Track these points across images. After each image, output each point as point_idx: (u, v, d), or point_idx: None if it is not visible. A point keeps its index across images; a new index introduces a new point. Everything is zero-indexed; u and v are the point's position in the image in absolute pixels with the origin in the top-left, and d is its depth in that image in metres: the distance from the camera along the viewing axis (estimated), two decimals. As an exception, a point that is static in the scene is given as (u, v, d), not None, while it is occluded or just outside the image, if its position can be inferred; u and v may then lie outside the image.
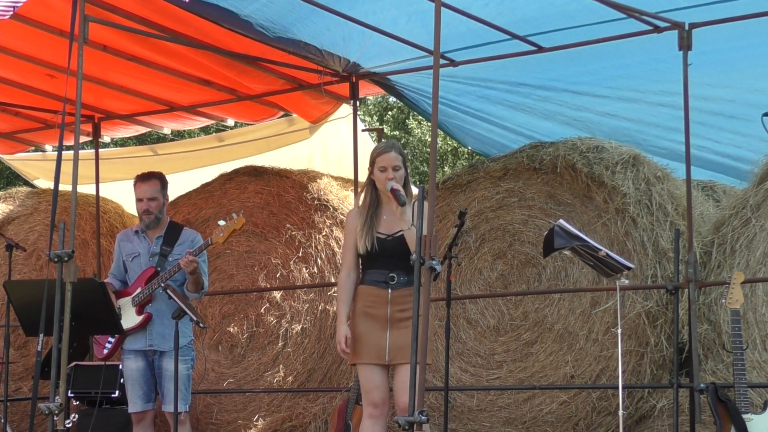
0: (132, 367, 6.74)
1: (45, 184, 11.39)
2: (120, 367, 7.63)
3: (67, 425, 5.80)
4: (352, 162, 8.77)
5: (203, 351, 9.30)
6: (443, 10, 5.66)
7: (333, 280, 9.02)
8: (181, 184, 9.66)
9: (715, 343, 7.39)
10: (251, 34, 7.68)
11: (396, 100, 17.77)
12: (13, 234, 10.31)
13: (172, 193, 7.33)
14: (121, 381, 7.64)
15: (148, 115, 9.93)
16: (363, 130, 9.72)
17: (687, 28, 6.96)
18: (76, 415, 8.17)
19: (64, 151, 6.35)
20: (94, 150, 9.96)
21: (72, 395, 8.12)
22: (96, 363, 8.04)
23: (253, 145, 10.33)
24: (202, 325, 6.45)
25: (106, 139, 11.37)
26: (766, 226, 7.44)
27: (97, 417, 7.84)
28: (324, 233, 9.17)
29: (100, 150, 10.23)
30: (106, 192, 10.21)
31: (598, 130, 8.50)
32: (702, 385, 6.32)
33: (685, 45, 6.96)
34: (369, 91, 9.33)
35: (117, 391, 7.95)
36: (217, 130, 15.29)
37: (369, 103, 23.68)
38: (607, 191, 7.94)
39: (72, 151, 6.32)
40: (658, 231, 7.71)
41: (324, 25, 7.59)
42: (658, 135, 8.46)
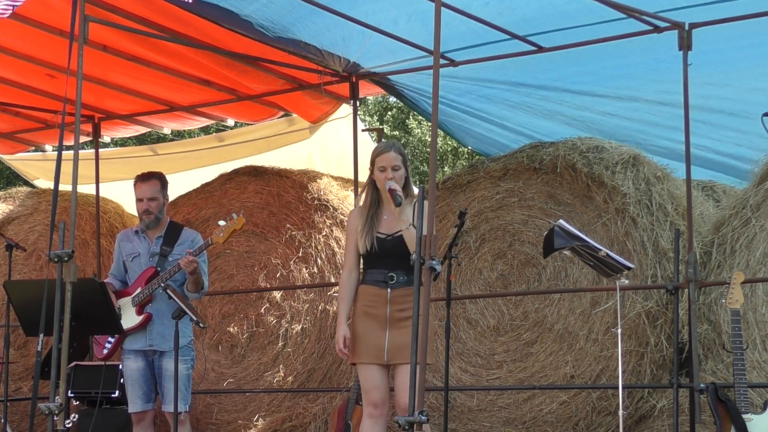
0: (132, 367, 6.74)
1: (45, 184, 11.39)
2: (120, 367, 7.63)
3: (67, 425, 5.80)
4: (352, 162, 8.77)
5: (203, 351, 9.30)
6: (443, 10, 5.66)
7: (333, 280, 9.02)
8: (181, 184, 9.66)
9: (715, 343, 7.39)
10: (251, 34, 7.68)
11: (396, 100, 17.77)
12: (13, 234, 10.30)
13: (172, 193, 7.32)
14: (121, 381, 7.64)
15: (148, 115, 9.93)
16: (363, 130, 9.71)
17: (687, 28, 6.96)
18: (76, 415, 8.17)
19: (64, 151, 6.35)
20: (94, 150, 9.96)
21: (72, 395, 8.11)
22: (96, 363, 8.04)
23: (253, 145, 10.33)
24: (202, 325, 6.44)
25: (106, 139, 11.37)
26: (766, 226, 7.44)
27: (97, 417, 7.84)
28: (324, 233, 9.17)
29: (100, 150, 10.22)
30: (106, 192, 10.21)
31: (598, 130, 8.50)
32: (702, 385, 6.31)
33: (685, 45, 6.96)
34: (369, 91, 9.32)
35: (117, 391, 7.94)
36: (217, 130, 15.28)
37: (369, 103, 23.67)
38: (607, 191, 7.93)
39: (72, 151, 6.32)
40: (658, 231, 7.71)
41: (324, 25, 7.59)
42: (658, 134, 8.46)
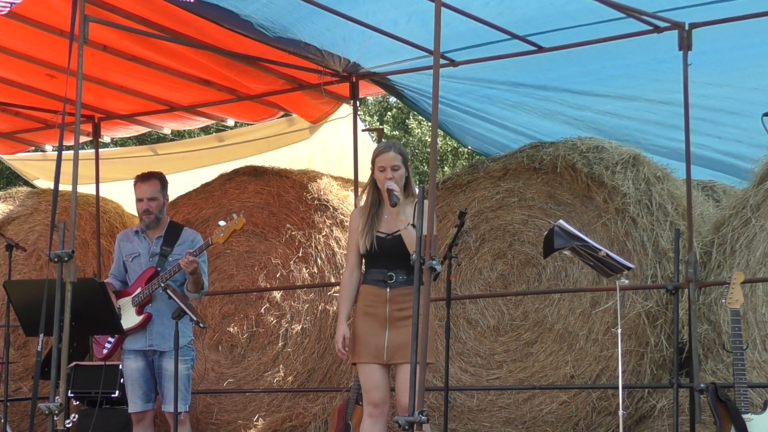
0: (132, 367, 6.73)
1: (45, 184, 11.39)
2: (120, 367, 7.63)
3: (67, 425, 5.80)
4: (352, 162, 8.77)
5: (203, 351, 9.30)
6: (443, 10, 5.66)
7: (333, 280, 9.03)
8: (181, 184, 9.66)
9: (715, 343, 7.38)
10: (251, 34, 7.68)
11: (396, 100, 17.77)
12: (13, 234, 10.30)
13: (172, 193, 7.32)
14: (121, 381, 7.64)
15: (148, 115, 9.92)
16: (363, 130, 9.71)
17: (687, 28, 6.96)
18: (76, 415, 8.17)
19: (64, 151, 6.35)
20: (94, 150, 9.97)
21: (72, 395, 8.11)
22: (96, 363, 8.04)
23: (253, 145, 10.33)
24: (202, 325, 6.44)
25: (106, 139, 11.37)
26: (766, 226, 7.44)
27: (97, 417, 7.84)
28: (324, 233, 9.17)
29: (100, 150, 10.22)
30: (106, 192, 10.21)
31: (598, 130, 8.50)
32: (702, 385, 6.31)
33: (685, 45, 6.96)
34: (369, 91, 9.32)
35: (117, 391, 7.94)
36: (217, 130, 15.29)
37: (369, 103, 23.67)
38: (607, 191, 7.93)
39: (72, 151, 6.32)
40: (658, 231, 7.71)
41: (324, 25, 7.59)
42: (658, 134, 8.46)
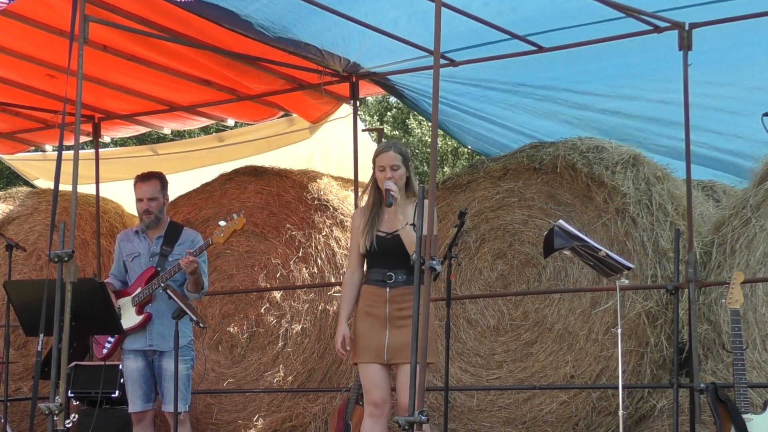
0: (132, 367, 6.73)
1: (45, 184, 11.39)
2: (120, 367, 7.63)
3: (67, 425, 5.80)
4: (352, 162, 8.77)
5: (203, 351, 9.30)
6: (443, 9, 5.66)
7: (333, 280, 9.03)
8: (181, 184, 9.66)
9: (715, 343, 7.38)
10: (251, 34, 7.68)
11: (396, 100, 17.77)
12: (13, 234, 10.30)
13: (172, 193, 7.32)
14: (121, 381, 7.64)
15: (148, 115, 9.92)
16: (363, 130, 9.71)
17: (687, 28, 6.96)
18: (76, 415, 8.16)
19: (64, 151, 6.35)
20: (94, 150, 9.96)
21: (72, 395, 8.11)
22: (96, 363, 8.04)
23: (253, 145, 10.32)
24: (202, 325, 6.44)
25: (106, 139, 11.37)
26: (766, 226, 7.44)
27: (97, 417, 7.84)
28: (324, 233, 9.17)
29: (100, 150, 10.22)
30: (106, 192, 10.21)
31: (598, 129, 8.50)
32: (702, 385, 6.31)
33: (685, 45, 6.95)
34: (369, 91, 9.32)
35: (117, 391, 7.94)
36: (217, 130, 15.28)
37: (369, 103, 23.66)
38: (607, 191, 7.93)
39: (72, 151, 6.32)
40: (658, 231, 7.71)
41: (324, 25, 7.59)
42: (658, 132, 8.45)
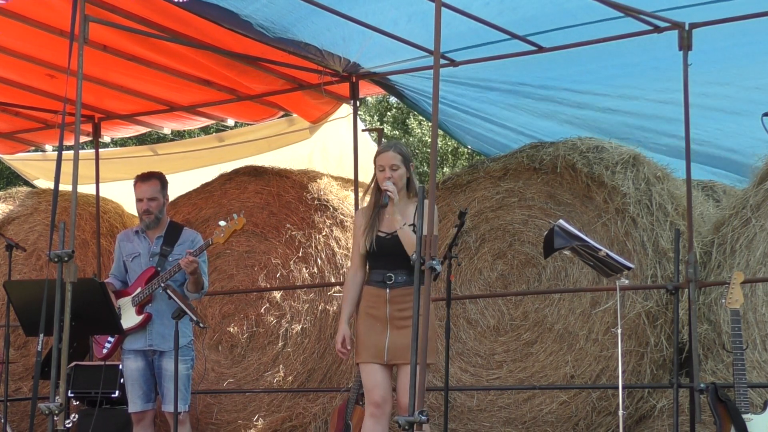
0: (132, 367, 6.74)
1: (45, 184, 11.39)
2: (120, 367, 7.63)
3: (67, 425, 5.80)
4: (352, 162, 8.77)
5: (203, 351, 9.30)
6: (443, 10, 5.66)
7: (333, 280, 9.03)
8: (181, 184, 9.66)
9: (715, 343, 7.38)
10: (251, 34, 7.67)
11: (396, 100, 17.77)
12: (13, 234, 10.30)
13: (172, 193, 7.32)
14: (121, 381, 7.64)
15: (148, 115, 9.92)
16: (363, 130, 9.71)
17: (687, 28, 6.96)
18: (76, 415, 8.16)
19: (64, 151, 6.35)
20: (94, 150, 9.96)
21: (72, 395, 8.11)
22: (96, 363, 8.04)
23: (253, 145, 10.32)
24: (202, 325, 6.44)
25: (106, 139, 11.37)
26: (766, 226, 7.44)
27: (97, 417, 7.84)
28: (324, 233, 9.17)
29: (100, 150, 10.22)
30: (106, 192, 10.21)
31: (598, 128, 8.49)
32: (702, 385, 6.31)
33: (685, 45, 6.95)
34: (369, 91, 9.32)
35: (117, 391, 7.94)
36: (217, 130, 15.28)
37: (369, 103, 23.66)
38: (607, 191, 7.93)
39: (72, 151, 6.32)
40: (658, 231, 7.71)
41: (324, 25, 7.59)
42: (659, 131, 8.45)
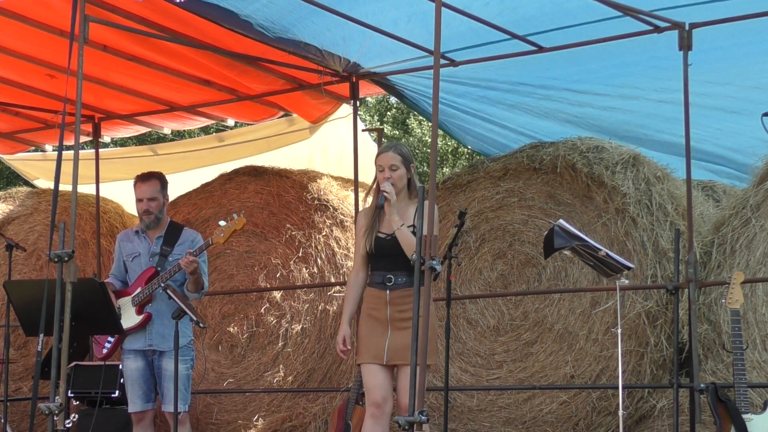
0: (132, 366, 6.73)
1: (45, 184, 11.39)
2: (120, 367, 7.63)
3: (67, 425, 5.79)
4: (352, 162, 8.77)
5: (203, 351, 9.30)
6: (443, 10, 5.66)
7: (333, 280, 9.03)
8: (181, 184, 9.66)
9: (715, 343, 7.39)
10: (251, 34, 7.67)
11: (396, 100, 17.77)
12: (13, 234, 10.30)
13: (172, 193, 7.32)
14: (121, 381, 7.64)
15: (148, 115, 9.92)
16: (363, 130, 9.71)
17: (687, 28, 6.96)
18: (76, 415, 8.16)
19: (64, 151, 6.35)
20: (94, 150, 9.96)
21: (72, 395, 8.11)
22: (96, 363, 8.04)
23: (253, 145, 10.32)
24: (202, 325, 6.44)
25: (106, 139, 11.37)
26: (766, 226, 7.44)
27: (97, 417, 7.84)
28: (324, 233, 9.17)
29: (100, 150, 10.22)
30: (106, 192, 10.21)
31: (598, 126, 8.49)
32: (702, 385, 6.31)
33: (685, 45, 6.95)
34: (369, 91, 9.32)
35: (117, 391, 7.94)
36: (217, 130, 15.28)
37: (369, 103, 23.65)
38: (607, 191, 7.93)
39: (72, 151, 6.32)
40: (658, 231, 7.71)
41: (324, 25, 7.59)
42: (659, 129, 8.44)
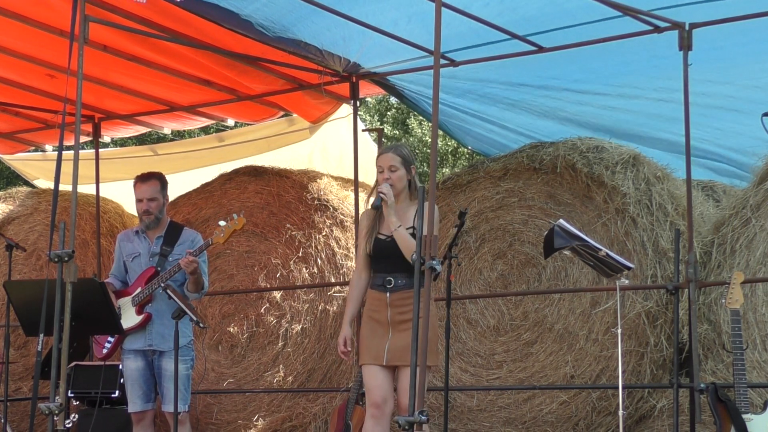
0: (132, 366, 6.73)
1: (45, 184, 11.39)
2: (120, 367, 7.63)
3: (67, 425, 5.80)
4: (352, 162, 8.77)
5: (203, 351, 9.30)
6: (443, 10, 5.66)
7: (333, 280, 9.03)
8: (181, 184, 9.66)
9: (715, 343, 7.39)
10: (251, 34, 7.67)
11: (396, 100, 17.76)
12: (13, 234, 10.30)
13: (172, 193, 7.32)
14: (121, 381, 7.64)
15: (148, 115, 9.92)
16: (363, 130, 9.71)
17: (687, 28, 6.96)
18: (76, 415, 8.16)
19: (64, 151, 6.35)
20: (94, 150, 9.97)
21: (72, 395, 8.11)
22: (96, 363, 8.04)
23: (253, 145, 10.32)
24: (202, 325, 6.44)
25: (106, 139, 11.37)
26: (766, 226, 7.44)
27: (97, 417, 7.84)
28: (324, 233, 9.17)
29: (100, 150, 10.22)
30: (106, 192, 10.21)
31: (598, 125, 8.48)
32: (702, 385, 6.31)
33: (685, 45, 6.95)
34: (369, 91, 9.31)
35: (117, 391, 7.94)
36: (217, 130, 15.27)
37: (369, 103, 23.65)
38: (607, 191, 7.93)
39: (72, 151, 6.32)
40: (658, 231, 7.71)
41: (324, 25, 7.59)
42: (659, 128, 8.44)
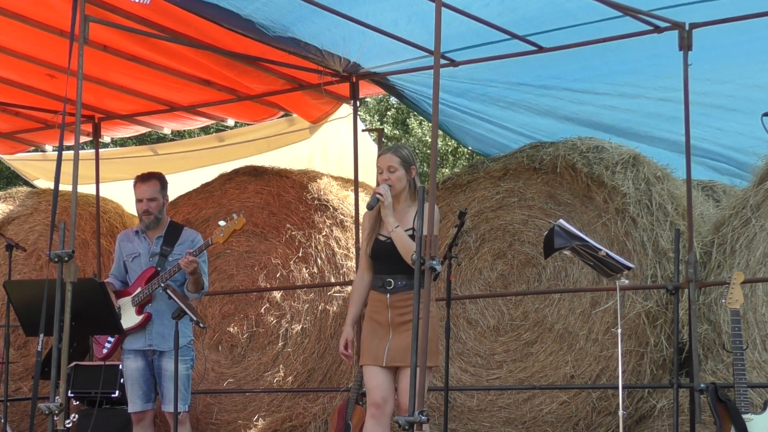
0: (131, 366, 6.74)
1: (45, 184, 11.39)
2: (120, 367, 7.63)
3: (67, 425, 5.80)
4: (352, 162, 8.77)
5: (203, 351, 9.30)
6: (443, 10, 5.66)
7: (333, 280, 9.03)
8: (181, 184, 9.66)
9: (715, 343, 7.39)
10: (251, 33, 7.67)
11: (396, 100, 17.76)
12: (13, 234, 10.30)
13: (172, 193, 7.32)
14: (121, 381, 7.64)
15: (148, 115, 9.92)
16: (363, 130, 9.72)
17: (687, 28, 6.96)
18: (76, 415, 8.17)
19: (64, 151, 6.35)
20: (94, 150, 9.97)
21: (72, 395, 8.12)
22: (96, 363, 8.04)
23: (253, 145, 10.32)
24: (202, 325, 6.44)
25: (106, 139, 11.36)
26: (766, 226, 7.44)
27: (97, 417, 7.84)
28: (324, 233, 9.17)
29: (100, 150, 10.22)
30: (106, 192, 10.21)
31: (599, 123, 8.48)
32: (702, 385, 6.31)
33: (685, 45, 6.95)
34: (369, 91, 9.31)
35: (117, 391, 7.95)
36: (217, 130, 15.27)
37: (369, 103, 23.65)
38: (607, 191, 7.93)
39: (72, 151, 6.32)
40: (658, 231, 7.71)
41: (324, 25, 7.59)
42: (659, 127, 8.44)
